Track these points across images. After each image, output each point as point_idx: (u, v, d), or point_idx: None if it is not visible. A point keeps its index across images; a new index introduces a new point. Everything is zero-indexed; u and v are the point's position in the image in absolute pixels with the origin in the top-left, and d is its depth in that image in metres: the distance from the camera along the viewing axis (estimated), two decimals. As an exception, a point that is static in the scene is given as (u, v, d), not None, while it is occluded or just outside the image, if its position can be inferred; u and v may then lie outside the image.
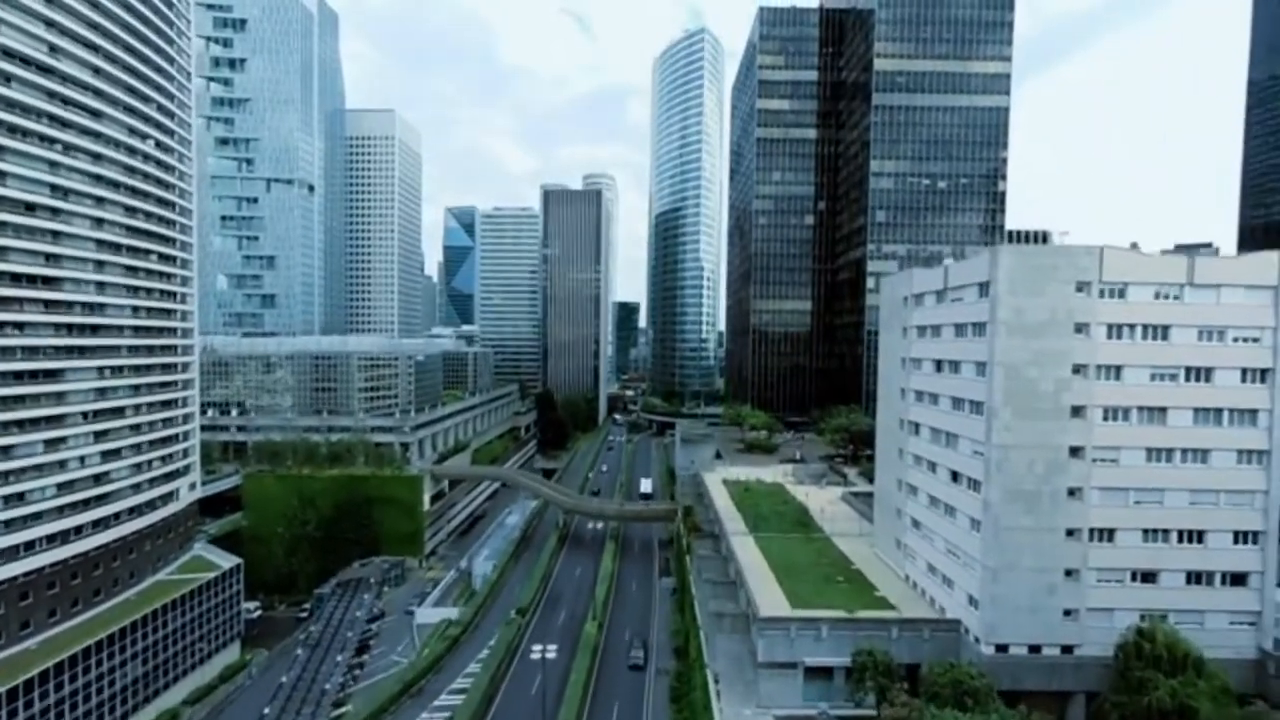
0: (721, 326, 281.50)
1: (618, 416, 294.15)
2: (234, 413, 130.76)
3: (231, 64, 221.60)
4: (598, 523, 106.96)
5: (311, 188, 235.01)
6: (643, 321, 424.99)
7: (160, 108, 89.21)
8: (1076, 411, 39.82)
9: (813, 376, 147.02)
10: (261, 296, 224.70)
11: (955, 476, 44.89)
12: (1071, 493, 39.96)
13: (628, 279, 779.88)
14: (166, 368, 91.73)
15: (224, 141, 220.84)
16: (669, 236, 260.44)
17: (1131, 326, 39.88)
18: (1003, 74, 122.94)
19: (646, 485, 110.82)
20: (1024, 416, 39.43)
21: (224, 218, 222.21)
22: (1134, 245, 41.08)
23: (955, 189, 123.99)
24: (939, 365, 47.35)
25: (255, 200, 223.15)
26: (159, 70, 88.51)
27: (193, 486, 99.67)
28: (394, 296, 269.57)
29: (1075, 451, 39.96)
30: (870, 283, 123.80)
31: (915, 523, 50.83)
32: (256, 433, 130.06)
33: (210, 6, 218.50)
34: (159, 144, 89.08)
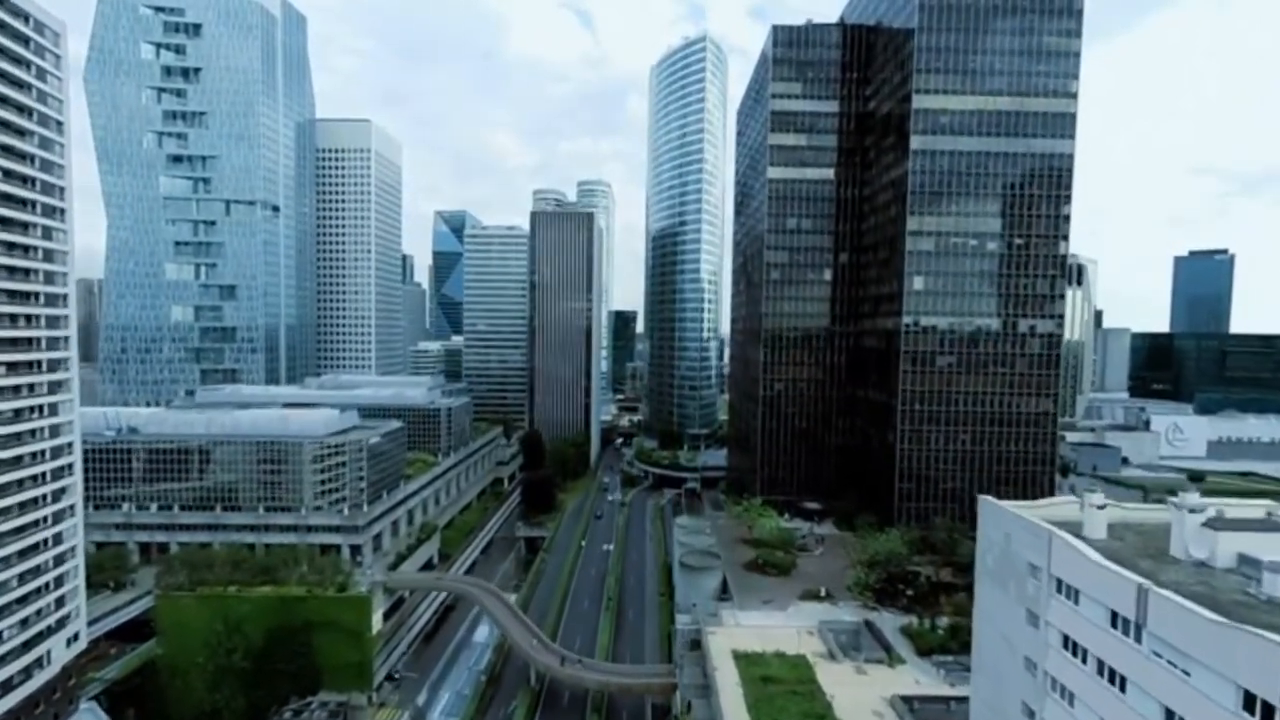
0: (724, 331, 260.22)
1: (615, 440, 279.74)
2: (154, 507, 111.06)
3: (185, 74, 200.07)
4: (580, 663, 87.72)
5: (276, 208, 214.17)
6: (640, 327, 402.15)
7: (9, 174, 68.97)
8: None
9: (831, 454, 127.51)
10: (221, 330, 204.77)
11: None
12: None
13: (625, 277, 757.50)
14: (27, 505, 72.07)
15: (177, 159, 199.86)
16: (666, 261, 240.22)
17: None
18: (1067, 113, 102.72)
19: None
20: None
21: (178, 243, 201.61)
22: None
23: (1008, 251, 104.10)
24: (1120, 737, 28.22)
25: (213, 223, 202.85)
26: (7, 126, 68.26)
27: (74, 639, 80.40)
28: (371, 323, 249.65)
29: None
30: (906, 363, 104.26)
31: None
32: (181, 533, 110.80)
33: (159, 9, 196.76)
34: (5, 221, 68.91)
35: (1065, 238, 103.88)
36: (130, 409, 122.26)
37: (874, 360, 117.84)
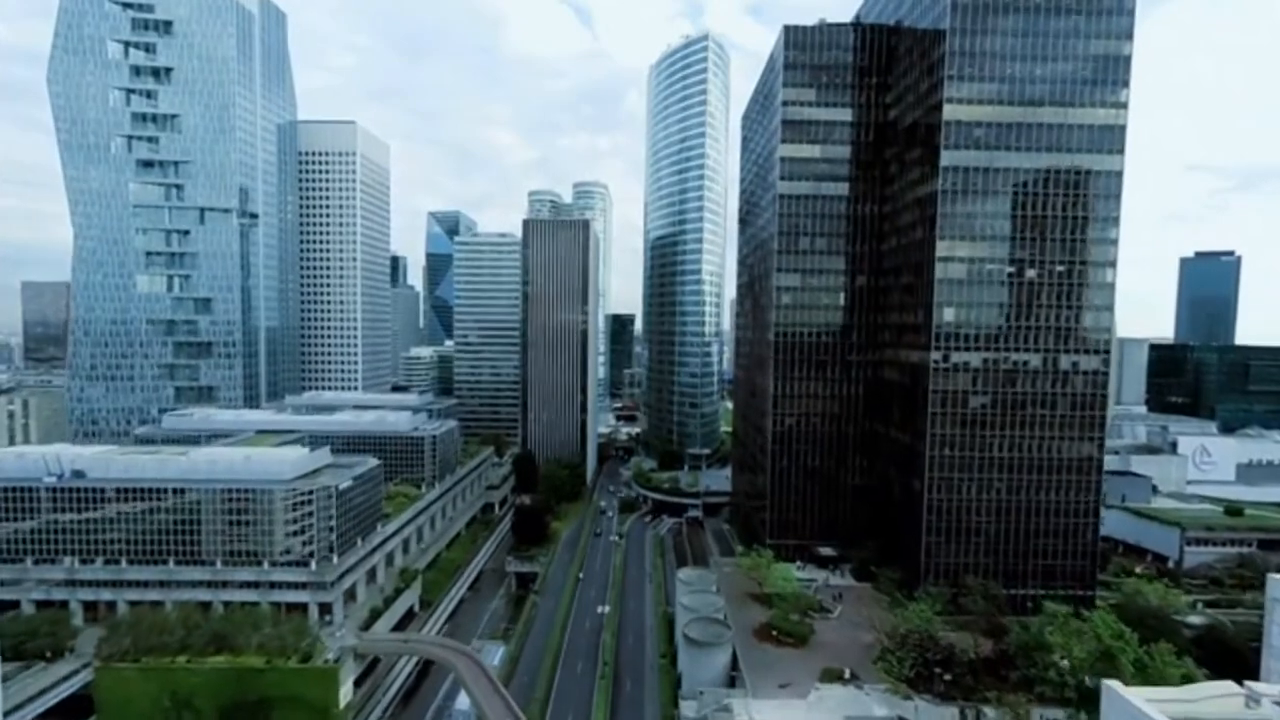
0: (725, 327, 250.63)
1: (614, 453, 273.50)
2: (100, 561, 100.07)
3: (155, 74, 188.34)
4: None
5: (255, 215, 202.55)
6: (639, 327, 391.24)
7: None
8: None
9: (847, 495, 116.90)
10: (196, 345, 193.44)
11: None
12: None
13: (623, 275, 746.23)
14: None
15: (148, 164, 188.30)
16: (666, 269, 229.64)
17: None
18: (1116, 125, 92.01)
19: None
20: None
21: (149, 253, 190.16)
22: None
23: (1049, 279, 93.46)
24: None
25: (187, 233, 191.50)
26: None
27: (-14, 738, 69.79)
28: (357, 332, 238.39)
29: None
30: (935, 404, 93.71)
31: None
32: (129, 590, 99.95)
33: (126, 5, 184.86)
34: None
35: (1113, 264, 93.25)
36: (75, 449, 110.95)
37: (897, 396, 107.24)
